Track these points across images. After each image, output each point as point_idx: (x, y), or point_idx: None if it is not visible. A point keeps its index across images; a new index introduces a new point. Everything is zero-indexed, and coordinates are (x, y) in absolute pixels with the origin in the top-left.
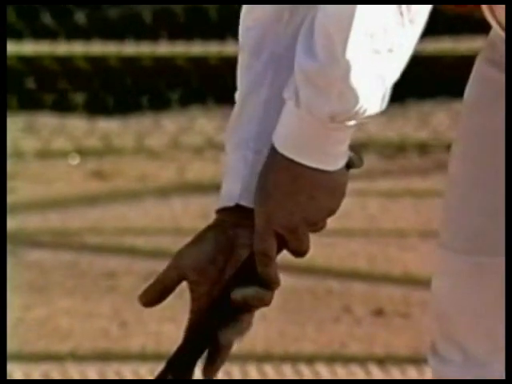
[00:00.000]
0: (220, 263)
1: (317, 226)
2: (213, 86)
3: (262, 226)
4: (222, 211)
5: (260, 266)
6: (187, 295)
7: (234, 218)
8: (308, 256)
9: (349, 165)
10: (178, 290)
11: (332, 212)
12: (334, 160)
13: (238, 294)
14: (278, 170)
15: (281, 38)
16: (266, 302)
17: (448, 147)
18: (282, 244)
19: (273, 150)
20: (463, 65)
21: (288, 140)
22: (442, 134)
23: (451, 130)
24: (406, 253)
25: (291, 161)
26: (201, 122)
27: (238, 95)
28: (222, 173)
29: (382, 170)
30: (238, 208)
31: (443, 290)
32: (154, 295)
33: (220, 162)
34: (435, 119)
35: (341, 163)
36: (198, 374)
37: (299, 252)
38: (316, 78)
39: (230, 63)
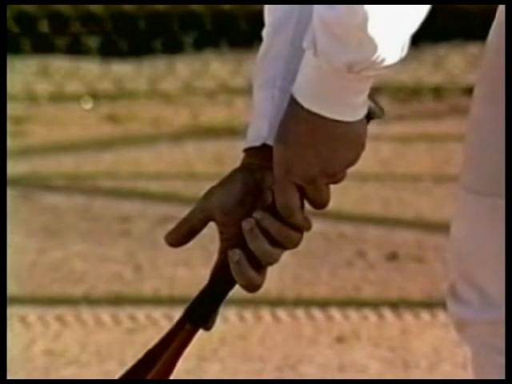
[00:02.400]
0: (247, 205)
1: (335, 177)
2: (227, 29)
3: (281, 178)
4: (248, 150)
5: (284, 217)
6: (203, 240)
7: (260, 158)
8: None
9: (370, 116)
10: None
11: (351, 163)
12: (352, 111)
13: (247, 223)
14: (297, 120)
15: None
16: (295, 243)
17: (463, 91)
18: (303, 195)
19: (292, 100)
20: (478, 7)
21: (306, 90)
22: (457, 78)
23: (466, 74)
24: (420, 197)
25: (310, 111)
26: (214, 66)
27: (265, 32)
28: (239, 116)
29: (395, 114)
30: (265, 147)
31: (462, 232)
32: (181, 235)
33: (233, 106)
34: (450, 62)
35: (360, 114)
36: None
37: (319, 203)
38: (334, 27)
39: (244, 7)
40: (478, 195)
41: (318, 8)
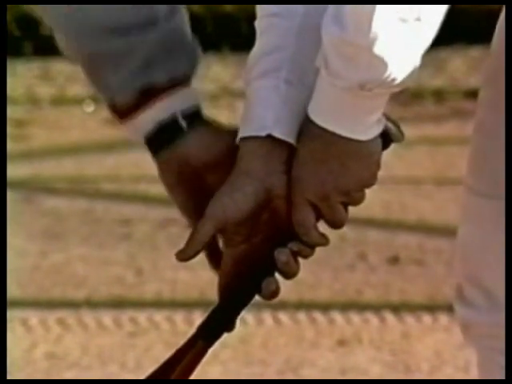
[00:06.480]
0: (259, 215)
1: (349, 195)
2: (228, 32)
3: (296, 196)
4: (248, 140)
5: (300, 235)
6: None
7: (264, 150)
8: None
9: (390, 139)
10: None
11: (366, 182)
12: (365, 129)
13: (283, 254)
14: (310, 137)
15: None
16: (307, 256)
17: (464, 94)
18: (319, 215)
19: (307, 118)
20: (479, 11)
21: (320, 108)
22: (459, 81)
23: (468, 77)
24: (421, 200)
25: (323, 128)
26: (216, 69)
27: (260, 23)
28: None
29: (396, 117)
30: (269, 139)
31: (469, 235)
32: (194, 254)
33: (235, 109)
34: (451, 66)
35: (373, 133)
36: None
37: (334, 222)
38: (343, 47)
39: (246, 10)
40: (484, 197)
41: (326, 26)
